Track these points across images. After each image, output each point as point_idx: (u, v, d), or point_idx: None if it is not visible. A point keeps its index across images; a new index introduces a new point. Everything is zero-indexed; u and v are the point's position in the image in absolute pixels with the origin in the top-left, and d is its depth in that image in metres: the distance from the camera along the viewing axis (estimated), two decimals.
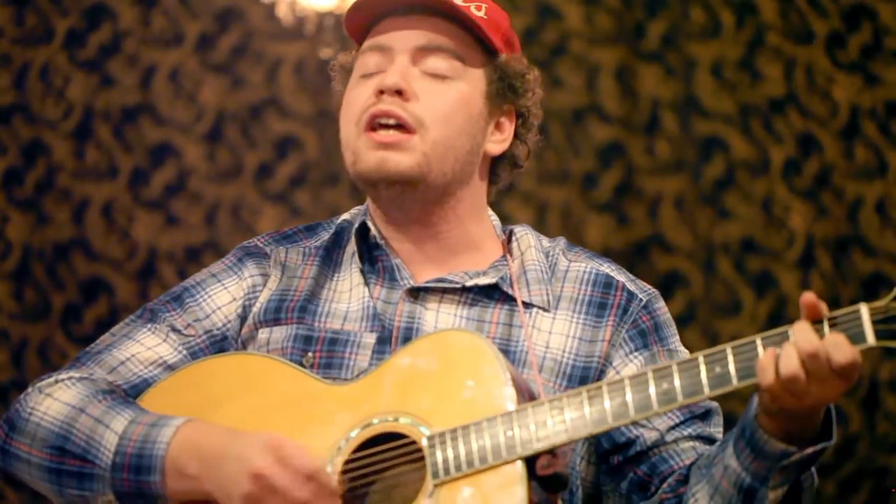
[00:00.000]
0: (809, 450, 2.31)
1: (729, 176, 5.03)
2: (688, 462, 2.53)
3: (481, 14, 2.64)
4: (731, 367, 2.25)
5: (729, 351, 2.26)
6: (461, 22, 2.63)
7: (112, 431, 2.46)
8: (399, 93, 2.58)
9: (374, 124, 2.59)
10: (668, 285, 4.87)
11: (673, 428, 2.56)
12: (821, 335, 2.21)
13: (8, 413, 2.59)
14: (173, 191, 4.98)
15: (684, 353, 2.65)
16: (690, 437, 2.56)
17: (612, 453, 2.58)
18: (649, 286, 2.69)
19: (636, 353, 2.61)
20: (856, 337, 2.20)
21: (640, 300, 2.65)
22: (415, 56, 2.61)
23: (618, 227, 4.98)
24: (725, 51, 5.04)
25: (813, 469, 2.37)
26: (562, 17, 4.94)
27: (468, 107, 2.63)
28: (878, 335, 2.19)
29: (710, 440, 2.57)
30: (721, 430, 2.60)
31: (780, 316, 4.98)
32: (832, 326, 2.21)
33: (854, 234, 5.05)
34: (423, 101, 2.59)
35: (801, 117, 5.05)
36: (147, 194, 4.98)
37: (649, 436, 2.56)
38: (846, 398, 4.93)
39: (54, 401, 2.54)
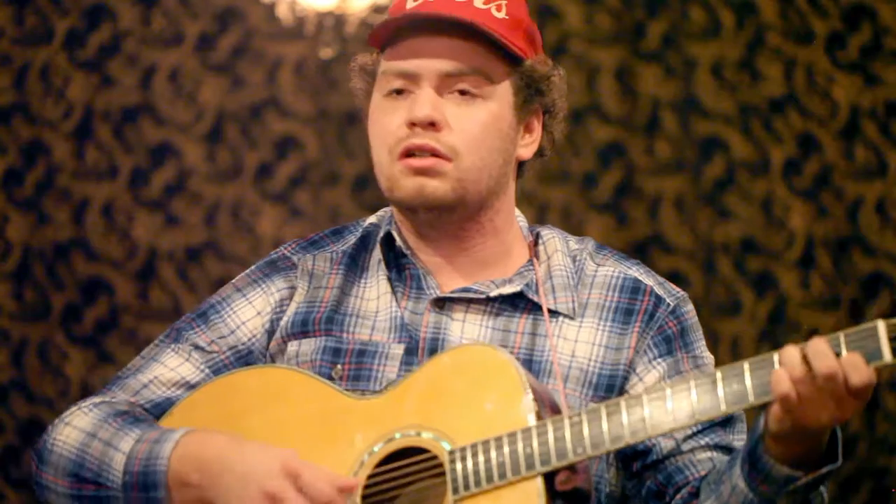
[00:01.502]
0: (815, 474, 2.31)
1: (729, 176, 5.03)
2: (703, 473, 2.52)
3: (502, 15, 2.61)
4: (749, 383, 2.25)
5: (746, 367, 2.26)
6: (486, 38, 2.60)
7: (120, 452, 2.50)
8: (431, 124, 2.57)
9: (409, 154, 2.59)
10: None
11: (690, 437, 2.55)
12: (837, 353, 2.21)
13: (36, 445, 2.62)
14: (173, 191, 4.98)
15: (709, 358, 2.64)
16: (708, 447, 2.55)
17: (632, 460, 2.58)
18: (678, 289, 2.68)
19: (659, 360, 2.59)
20: (872, 354, 2.20)
21: (668, 305, 2.63)
22: (442, 81, 2.59)
23: (618, 227, 4.98)
24: (725, 51, 5.04)
25: (822, 488, 2.37)
26: (562, 17, 4.94)
27: (498, 123, 2.61)
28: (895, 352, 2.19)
29: (729, 450, 2.55)
30: (744, 437, 2.57)
31: (779, 316, 4.98)
32: (848, 344, 2.21)
33: (854, 234, 5.05)
34: (456, 129, 2.57)
35: (801, 117, 5.05)
36: (147, 194, 4.98)
37: (665, 444, 2.55)
38: None
39: (72, 429, 2.57)
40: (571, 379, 2.56)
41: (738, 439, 2.58)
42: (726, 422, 2.57)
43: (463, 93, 2.58)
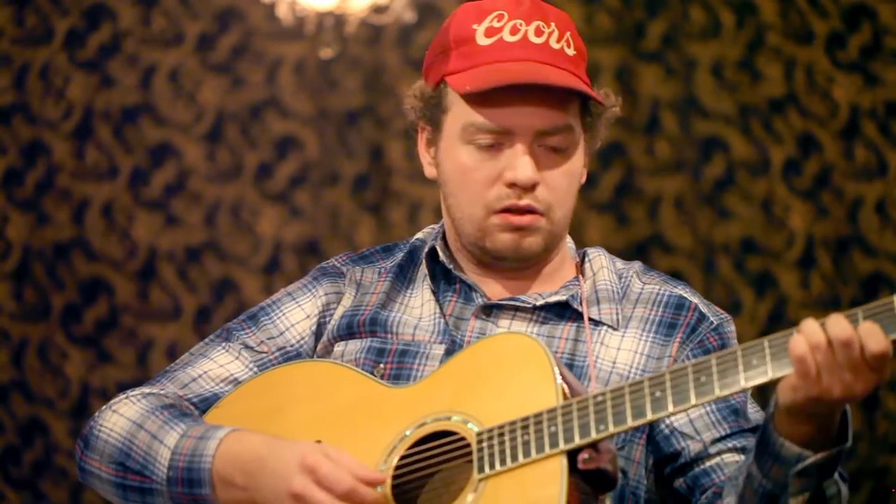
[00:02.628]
0: (824, 453, 2.30)
1: (729, 176, 5.03)
2: (729, 476, 2.52)
3: (572, 51, 2.64)
4: (768, 358, 2.26)
5: (766, 343, 2.27)
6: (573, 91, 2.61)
7: (165, 446, 2.54)
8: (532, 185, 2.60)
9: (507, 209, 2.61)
10: None
11: (718, 440, 2.56)
12: (854, 325, 2.22)
13: (84, 430, 2.66)
14: (173, 191, 4.99)
15: None
16: (735, 450, 2.56)
17: (664, 464, 2.59)
18: (722, 311, 2.69)
19: None
20: (887, 327, 2.21)
21: (711, 322, 2.65)
22: (536, 138, 2.59)
23: (618, 227, 4.98)
24: (725, 51, 5.04)
25: (837, 476, 2.35)
26: None
27: (578, 169, 2.65)
28: None
29: None
30: None
31: (780, 316, 4.98)
32: (865, 317, 2.22)
33: (854, 234, 5.05)
34: (549, 185, 2.60)
35: (801, 117, 5.05)
36: (147, 194, 4.98)
37: (694, 448, 2.56)
38: None
39: (119, 417, 2.62)
40: (611, 385, 2.56)
41: None
42: (756, 428, 2.56)
43: (554, 149, 2.60)
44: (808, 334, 2.23)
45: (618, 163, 5.00)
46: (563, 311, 2.64)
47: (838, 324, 2.22)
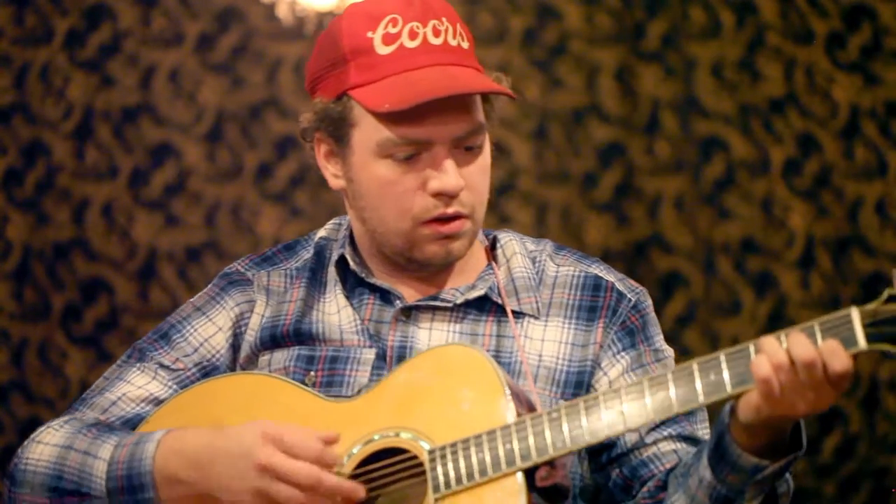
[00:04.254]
0: (782, 461, 2.32)
1: (729, 176, 5.03)
2: (668, 466, 2.53)
3: (466, 44, 2.58)
4: (726, 374, 2.26)
5: (723, 357, 2.27)
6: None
7: (100, 459, 2.50)
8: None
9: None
10: (668, 285, 4.87)
11: (653, 429, 2.55)
12: (814, 342, 2.22)
13: (8, 468, 2.62)
14: (173, 191, 4.99)
15: (668, 351, 2.66)
16: (671, 438, 2.55)
17: (599, 453, 2.59)
18: (637, 284, 2.68)
19: (623, 353, 2.61)
20: (846, 341, 2.21)
21: (630, 300, 2.64)
22: (454, 143, 2.55)
23: (618, 227, 4.98)
24: (725, 51, 5.05)
25: (788, 475, 2.38)
26: (562, 17, 4.94)
27: (489, 160, 2.61)
28: (869, 339, 2.20)
29: (693, 440, 2.56)
30: (707, 427, 2.59)
31: (779, 316, 4.98)
32: (824, 332, 2.22)
33: (854, 234, 5.06)
34: (469, 186, 2.56)
35: (801, 117, 5.06)
36: (147, 194, 4.99)
37: (629, 437, 2.55)
38: (846, 398, 4.93)
39: (45, 446, 2.59)
40: (540, 378, 2.57)
41: (702, 429, 2.58)
42: (688, 412, 2.53)
43: (468, 147, 2.56)
44: (771, 354, 2.23)
45: (618, 163, 5.00)
46: (482, 305, 2.61)
47: (800, 343, 2.22)
